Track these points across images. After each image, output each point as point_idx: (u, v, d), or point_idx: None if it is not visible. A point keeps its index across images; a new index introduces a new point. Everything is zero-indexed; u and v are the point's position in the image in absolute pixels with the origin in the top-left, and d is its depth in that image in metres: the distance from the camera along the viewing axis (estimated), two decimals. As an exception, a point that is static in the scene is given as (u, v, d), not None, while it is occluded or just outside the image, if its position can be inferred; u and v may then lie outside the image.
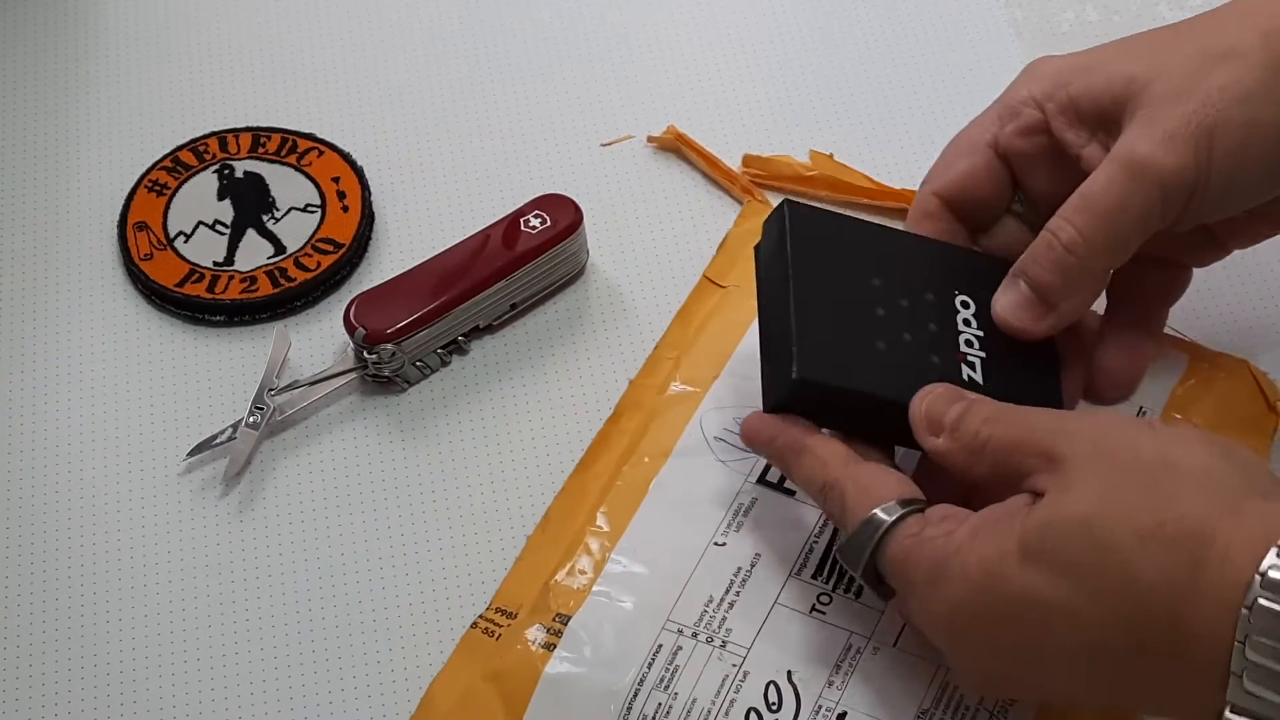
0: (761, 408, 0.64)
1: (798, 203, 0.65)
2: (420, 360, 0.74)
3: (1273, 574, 0.51)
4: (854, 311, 0.63)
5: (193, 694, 0.67)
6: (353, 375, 0.74)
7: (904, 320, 0.63)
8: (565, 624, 0.65)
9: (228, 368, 0.75)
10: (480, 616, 0.67)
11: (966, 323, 0.64)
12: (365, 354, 0.73)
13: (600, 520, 0.68)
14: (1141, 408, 0.69)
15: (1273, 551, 0.51)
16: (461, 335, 0.75)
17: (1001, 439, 0.59)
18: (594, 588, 0.66)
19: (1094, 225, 0.61)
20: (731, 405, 0.70)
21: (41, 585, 0.70)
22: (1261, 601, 0.51)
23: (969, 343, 0.63)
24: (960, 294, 0.64)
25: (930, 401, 0.61)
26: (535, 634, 0.65)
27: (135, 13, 0.87)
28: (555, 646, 0.65)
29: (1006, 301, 0.63)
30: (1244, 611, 0.51)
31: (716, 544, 0.66)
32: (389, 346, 0.73)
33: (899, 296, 0.64)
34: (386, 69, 0.85)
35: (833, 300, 0.63)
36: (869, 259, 0.64)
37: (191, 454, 0.72)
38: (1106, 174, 0.61)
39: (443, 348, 0.75)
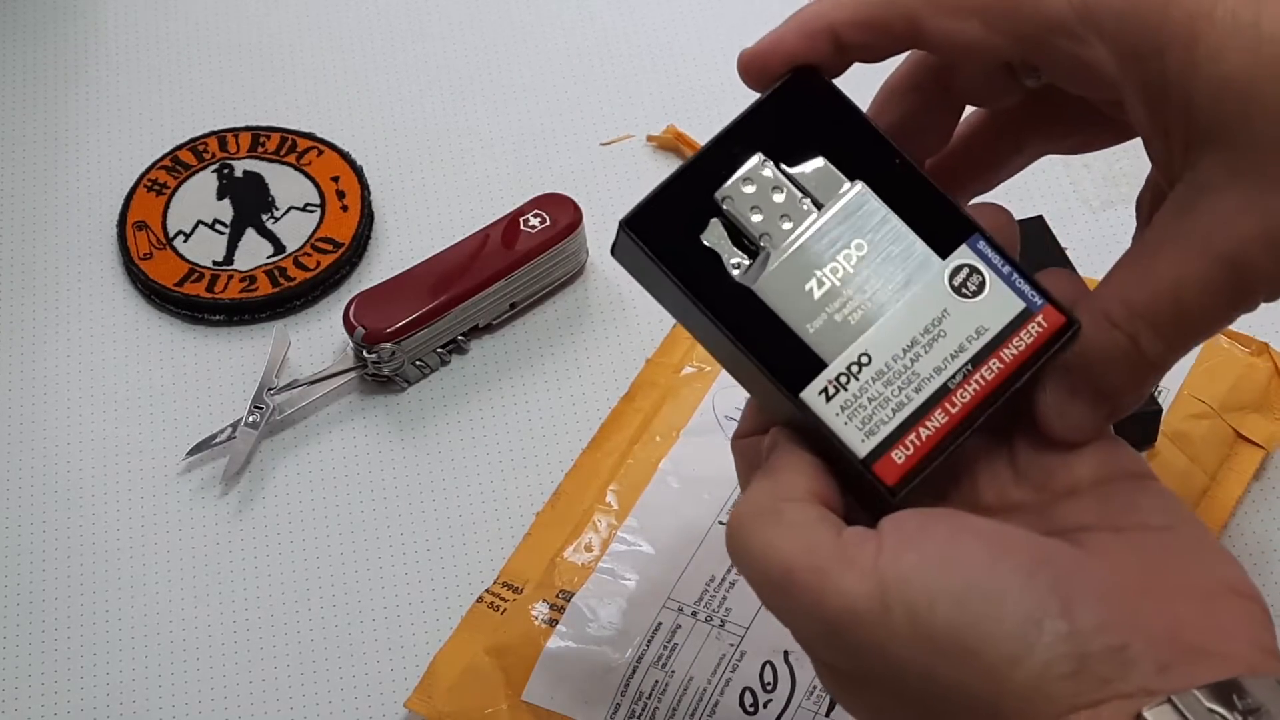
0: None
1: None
2: (420, 359, 0.74)
3: None
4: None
5: (193, 691, 0.67)
6: (352, 375, 0.74)
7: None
8: (569, 600, 0.66)
9: (227, 367, 0.75)
10: (486, 591, 0.67)
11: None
12: (365, 353, 0.73)
13: (610, 498, 0.68)
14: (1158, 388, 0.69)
15: None
16: (461, 335, 0.75)
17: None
18: (599, 565, 0.66)
19: (1187, 339, 0.50)
20: None
21: (41, 585, 0.70)
22: None
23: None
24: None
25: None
26: (540, 609, 0.66)
27: (135, 12, 0.87)
28: (558, 623, 0.65)
29: (1077, 415, 0.50)
30: None
31: (721, 523, 0.67)
32: (388, 346, 0.73)
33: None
34: (386, 69, 0.85)
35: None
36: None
37: (191, 453, 0.72)
38: (1205, 275, 0.48)
39: (442, 347, 0.75)
